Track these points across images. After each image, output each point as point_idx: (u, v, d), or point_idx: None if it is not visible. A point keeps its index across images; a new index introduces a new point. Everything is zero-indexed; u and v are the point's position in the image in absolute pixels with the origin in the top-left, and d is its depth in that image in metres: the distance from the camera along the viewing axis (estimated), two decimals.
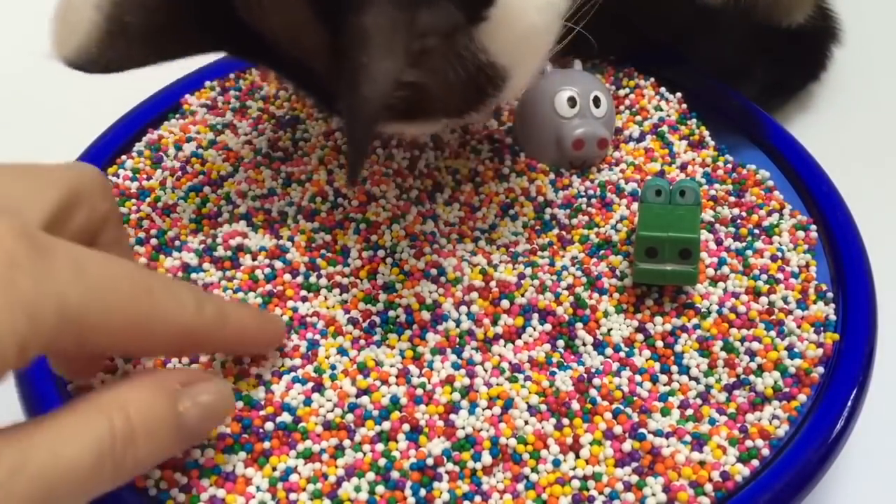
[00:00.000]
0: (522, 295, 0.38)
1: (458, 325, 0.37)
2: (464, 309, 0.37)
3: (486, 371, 0.35)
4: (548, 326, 0.37)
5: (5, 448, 0.24)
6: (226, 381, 0.31)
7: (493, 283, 0.38)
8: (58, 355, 0.33)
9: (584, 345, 0.37)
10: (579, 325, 0.37)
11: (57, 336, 0.25)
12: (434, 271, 0.38)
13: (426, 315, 0.37)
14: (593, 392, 0.34)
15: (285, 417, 0.33)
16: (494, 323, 0.37)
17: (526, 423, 0.33)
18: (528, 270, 0.39)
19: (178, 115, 0.48)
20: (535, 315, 0.37)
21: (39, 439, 0.25)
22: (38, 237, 0.25)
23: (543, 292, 0.38)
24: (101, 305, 0.26)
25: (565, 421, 0.34)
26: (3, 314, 0.23)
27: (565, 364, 0.36)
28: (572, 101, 0.42)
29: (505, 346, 0.36)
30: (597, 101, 0.43)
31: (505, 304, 0.37)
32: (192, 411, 0.29)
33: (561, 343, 0.37)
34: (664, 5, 0.46)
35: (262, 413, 0.33)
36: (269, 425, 0.33)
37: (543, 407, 0.34)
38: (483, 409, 0.34)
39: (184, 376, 0.30)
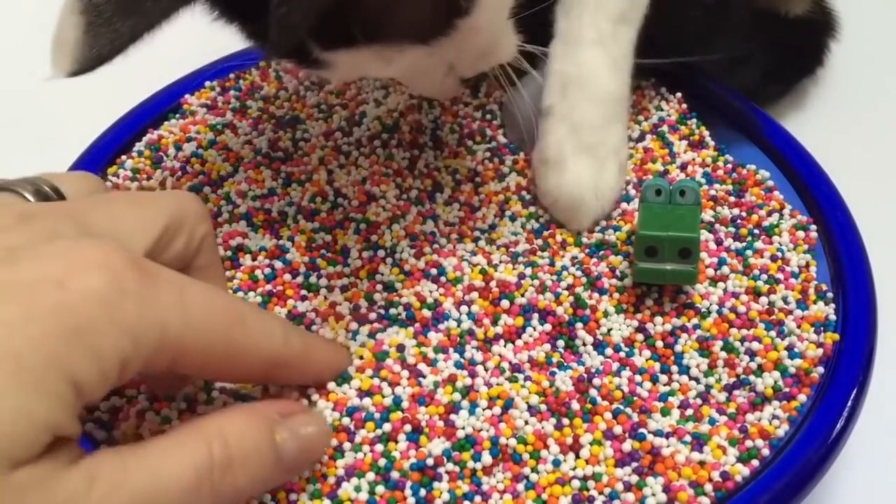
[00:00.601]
0: (522, 295, 0.38)
1: (458, 325, 0.37)
2: (464, 309, 0.37)
3: (486, 371, 0.35)
4: (548, 326, 0.37)
5: (108, 464, 0.25)
6: (322, 414, 0.32)
7: (493, 283, 0.38)
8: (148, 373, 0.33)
9: (584, 345, 0.37)
10: (579, 325, 0.37)
11: (155, 358, 0.26)
12: (434, 271, 0.38)
13: (427, 313, 0.37)
14: (593, 392, 0.34)
15: None
16: (494, 323, 0.37)
17: (526, 423, 0.33)
18: (528, 270, 0.39)
19: (178, 115, 0.48)
20: (535, 315, 0.37)
21: (141, 459, 0.26)
22: (145, 265, 0.27)
23: (543, 292, 0.38)
24: (198, 332, 0.27)
25: (565, 421, 0.34)
26: (109, 337, 0.25)
27: (565, 364, 0.36)
28: None
29: (505, 346, 0.36)
30: None
31: (505, 304, 0.37)
32: (290, 443, 0.29)
33: (561, 343, 0.37)
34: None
35: None
36: None
37: (543, 407, 0.34)
38: (483, 409, 0.34)
39: (283, 407, 0.30)
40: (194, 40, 0.36)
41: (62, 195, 0.31)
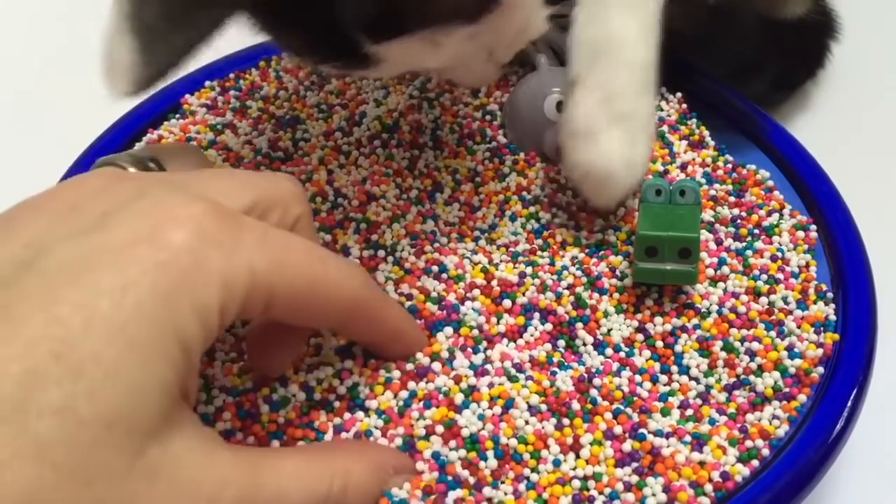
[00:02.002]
0: (524, 294, 0.38)
1: (466, 323, 0.36)
2: (468, 305, 0.37)
3: (490, 370, 0.35)
4: (549, 326, 0.37)
5: (238, 473, 0.26)
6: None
7: (494, 282, 0.38)
8: (253, 341, 0.34)
9: (585, 344, 0.37)
10: (579, 325, 0.37)
11: (248, 301, 0.27)
12: (435, 268, 0.38)
13: (432, 307, 0.37)
14: (593, 392, 0.34)
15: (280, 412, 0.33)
16: (497, 322, 0.37)
17: (526, 422, 0.33)
18: (529, 269, 0.39)
19: (178, 115, 0.48)
20: (537, 314, 0.37)
21: (270, 475, 0.27)
22: (226, 212, 0.27)
23: (544, 292, 0.38)
24: (283, 270, 0.28)
25: (565, 421, 0.34)
26: (204, 289, 0.25)
27: (566, 364, 0.36)
28: (561, 106, 0.43)
29: (507, 345, 0.36)
30: None
31: (506, 303, 0.37)
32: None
33: (561, 343, 0.37)
34: (681, 8, 0.46)
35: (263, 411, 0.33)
36: (265, 408, 0.33)
37: (544, 407, 0.34)
38: (484, 410, 0.34)
39: (399, 461, 0.32)
40: None
41: (163, 169, 0.32)
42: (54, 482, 0.22)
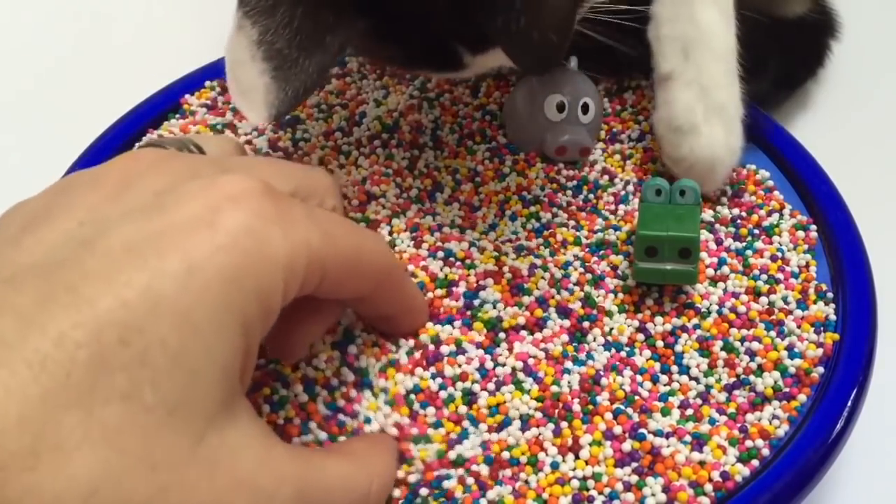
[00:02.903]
0: (536, 286, 0.38)
1: (484, 313, 0.36)
2: (484, 295, 0.37)
3: (499, 374, 0.35)
4: (567, 322, 0.37)
5: (293, 470, 0.26)
6: None
7: (505, 269, 0.38)
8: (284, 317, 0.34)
9: (595, 339, 0.37)
10: (586, 323, 0.37)
11: (307, 279, 0.27)
12: (441, 254, 0.38)
13: (440, 292, 0.37)
14: (598, 391, 0.35)
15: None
16: (519, 309, 0.37)
17: (517, 441, 0.33)
18: (539, 261, 0.39)
19: (178, 115, 0.47)
20: (553, 310, 0.37)
21: (319, 474, 0.27)
22: (276, 190, 0.27)
23: (555, 286, 0.38)
24: (333, 241, 0.28)
25: (563, 424, 0.33)
26: (266, 271, 0.25)
27: (580, 359, 0.36)
28: (561, 106, 0.43)
29: (526, 336, 0.36)
30: (585, 108, 0.43)
31: (525, 298, 0.37)
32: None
33: (575, 339, 0.37)
34: None
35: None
36: (266, 408, 0.33)
37: (539, 415, 0.34)
38: (478, 428, 0.33)
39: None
40: (194, 40, 0.36)
41: (203, 153, 0.32)
42: (122, 467, 0.22)
